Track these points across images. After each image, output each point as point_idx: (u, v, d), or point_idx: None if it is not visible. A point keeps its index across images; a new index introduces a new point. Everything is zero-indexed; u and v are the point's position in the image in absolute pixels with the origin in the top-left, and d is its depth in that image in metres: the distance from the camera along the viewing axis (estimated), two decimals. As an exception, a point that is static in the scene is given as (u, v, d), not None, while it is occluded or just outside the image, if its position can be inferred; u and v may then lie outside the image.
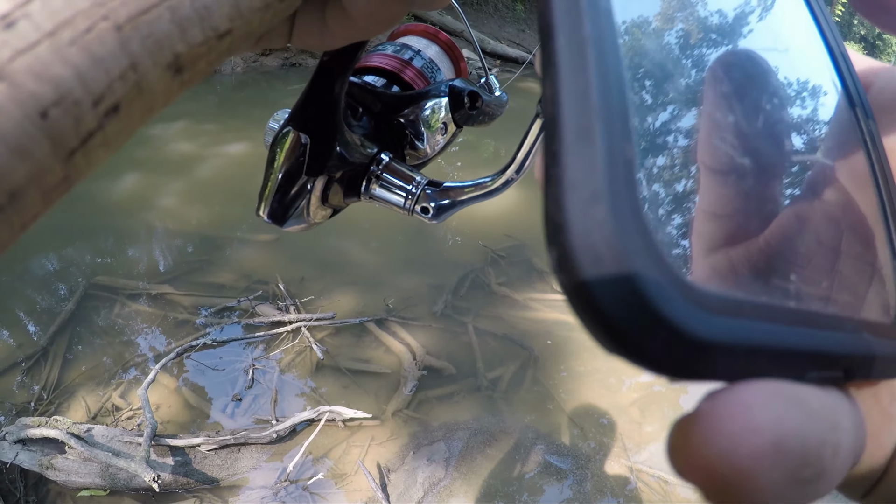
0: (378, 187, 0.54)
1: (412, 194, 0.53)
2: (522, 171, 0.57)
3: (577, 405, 3.54)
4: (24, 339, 3.82)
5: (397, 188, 0.53)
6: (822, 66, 0.29)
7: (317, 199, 0.49)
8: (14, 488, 2.88)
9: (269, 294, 4.16)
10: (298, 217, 0.49)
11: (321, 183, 0.48)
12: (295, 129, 0.45)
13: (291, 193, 0.47)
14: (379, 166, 0.53)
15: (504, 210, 5.96)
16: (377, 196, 0.54)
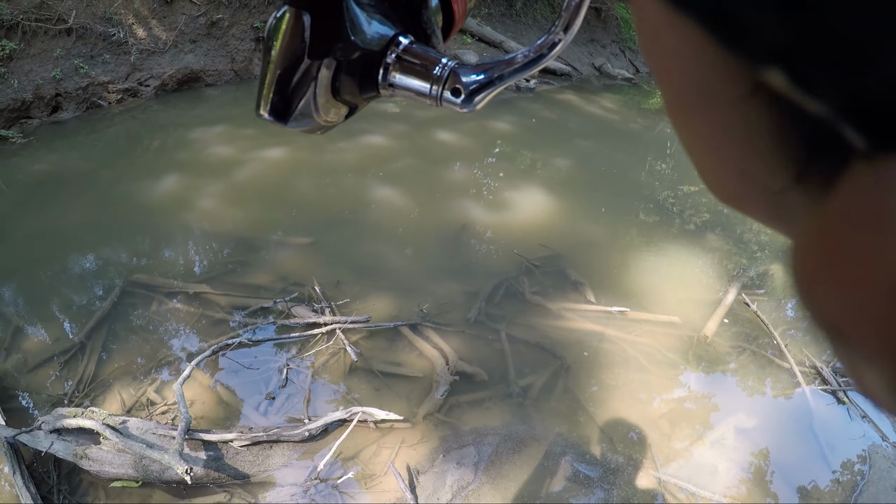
0: (398, 73, 0.46)
1: (439, 78, 0.45)
2: (571, 31, 0.46)
3: (608, 416, 3.51)
4: (61, 333, 3.89)
5: (421, 73, 0.46)
6: None
7: (325, 89, 0.43)
8: (47, 477, 2.93)
9: (304, 296, 4.19)
10: (305, 113, 0.44)
11: (329, 70, 0.42)
12: (292, 6, 0.39)
13: (294, 83, 0.41)
14: (398, 49, 0.46)
15: (540, 220, 5.95)
16: (398, 84, 0.46)
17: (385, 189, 6.23)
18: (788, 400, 3.98)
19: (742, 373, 4.12)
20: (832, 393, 4.07)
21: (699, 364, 4.10)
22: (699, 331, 4.37)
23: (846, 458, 3.59)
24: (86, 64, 8.40)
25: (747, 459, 3.41)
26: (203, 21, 9.90)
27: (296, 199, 5.90)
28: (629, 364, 3.96)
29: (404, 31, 0.46)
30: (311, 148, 7.22)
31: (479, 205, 6.18)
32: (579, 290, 4.64)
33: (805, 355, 4.39)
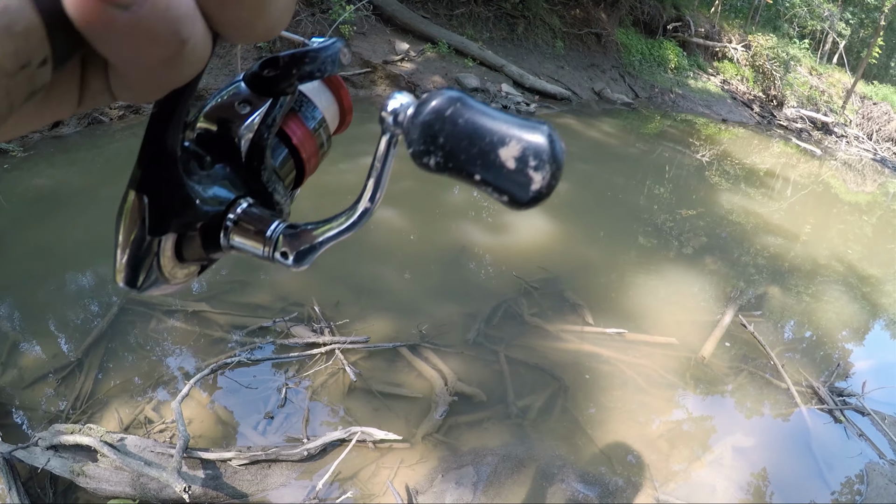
0: (237, 237, 0.50)
1: (269, 241, 0.49)
2: (376, 199, 0.52)
3: (606, 437, 3.51)
4: (58, 350, 3.89)
5: (255, 236, 0.50)
6: None
7: (169, 258, 0.46)
8: (43, 494, 2.91)
9: (304, 316, 4.20)
10: (155, 280, 0.46)
11: (171, 241, 0.46)
12: (133, 190, 0.43)
13: (139, 257, 0.44)
14: (235, 214, 0.49)
15: (539, 242, 5.97)
16: (237, 246, 0.50)
17: (385, 210, 6.25)
18: (786, 420, 3.99)
19: (740, 393, 4.13)
20: (829, 412, 4.09)
21: (697, 385, 4.11)
22: (697, 352, 4.38)
23: (844, 476, 3.60)
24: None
25: (745, 479, 3.41)
26: (206, 39, 9.98)
27: (296, 218, 5.89)
28: (627, 385, 3.96)
29: (245, 193, 0.50)
30: (311, 169, 7.26)
31: (479, 227, 6.21)
32: (578, 312, 4.65)
33: (802, 375, 4.41)
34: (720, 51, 20.67)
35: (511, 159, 0.41)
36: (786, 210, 9.01)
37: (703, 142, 12.81)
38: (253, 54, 10.39)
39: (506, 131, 0.42)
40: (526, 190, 0.42)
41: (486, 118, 0.42)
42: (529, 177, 0.41)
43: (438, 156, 0.43)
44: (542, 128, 0.42)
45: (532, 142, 0.41)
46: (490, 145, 0.42)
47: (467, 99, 0.44)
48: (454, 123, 0.43)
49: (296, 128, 0.53)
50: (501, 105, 11.97)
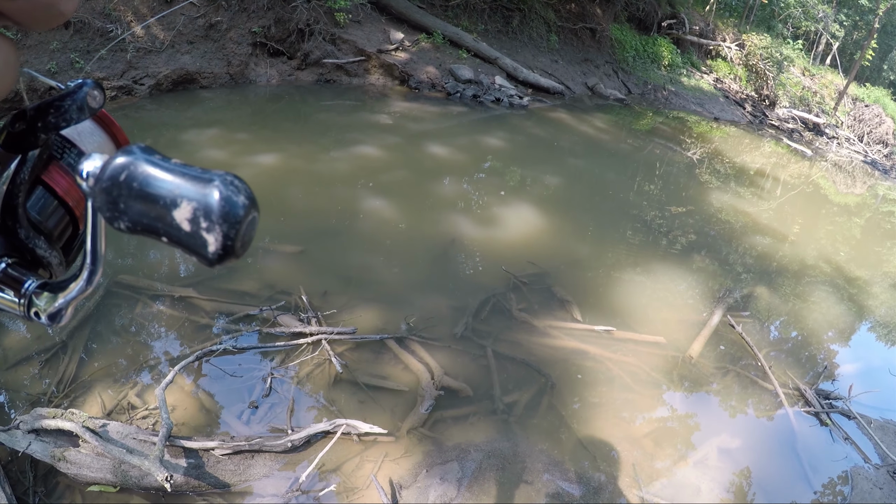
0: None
1: (21, 300, 0.50)
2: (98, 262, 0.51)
3: (591, 434, 3.51)
4: (42, 331, 3.84)
5: (12, 296, 0.50)
6: None
7: None
8: (23, 477, 2.88)
9: (291, 305, 4.17)
10: None
11: None
12: None
13: None
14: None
15: (528, 237, 5.96)
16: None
17: (376, 200, 6.22)
18: (771, 421, 4.00)
19: (726, 394, 4.14)
20: (815, 415, 4.10)
21: (683, 384, 4.11)
22: (684, 351, 4.39)
23: (828, 479, 3.61)
24: (82, 59, 8.36)
25: (730, 479, 3.41)
26: (202, 23, 9.91)
27: (286, 206, 5.87)
28: (614, 383, 3.96)
29: (3, 254, 0.50)
30: (303, 156, 7.22)
31: (469, 220, 6.19)
32: (566, 308, 4.64)
33: (789, 377, 4.42)
34: (714, 49, 20.69)
35: (185, 222, 0.42)
36: (775, 210, 9.03)
37: (694, 140, 12.83)
38: (248, 39, 10.31)
39: (177, 192, 0.42)
40: (206, 252, 0.42)
41: (159, 180, 0.43)
42: (204, 239, 0.42)
43: (125, 221, 0.44)
44: (215, 182, 0.42)
45: (202, 201, 0.41)
46: (164, 209, 0.42)
47: (141, 159, 0.44)
48: (129, 188, 0.43)
49: (59, 178, 0.52)
50: (495, 97, 11.93)
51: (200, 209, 0.41)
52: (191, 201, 0.41)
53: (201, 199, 0.41)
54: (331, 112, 9.67)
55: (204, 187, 0.42)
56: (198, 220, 0.41)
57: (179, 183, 0.42)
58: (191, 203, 0.41)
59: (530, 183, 7.83)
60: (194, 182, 0.42)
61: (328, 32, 11.12)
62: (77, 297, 0.51)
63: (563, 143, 10.15)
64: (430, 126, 9.69)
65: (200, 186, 0.42)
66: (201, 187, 0.42)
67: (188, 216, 0.41)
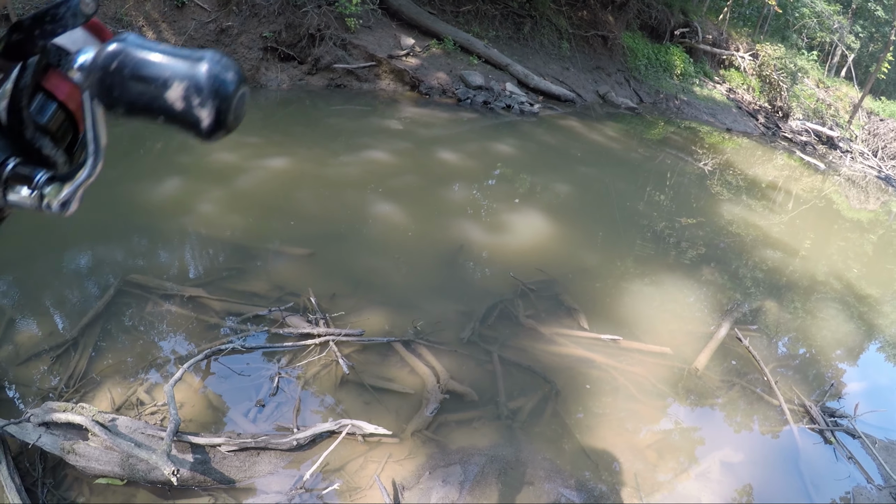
0: (10, 194, 0.55)
1: (35, 194, 0.54)
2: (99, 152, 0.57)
3: (595, 443, 3.52)
4: (54, 328, 3.89)
5: (24, 191, 0.55)
6: None
7: None
8: (33, 469, 2.92)
9: (299, 306, 4.21)
10: None
11: None
12: None
13: None
14: (4, 175, 0.54)
15: (537, 244, 5.98)
16: (11, 202, 0.55)
17: (385, 205, 6.26)
18: (775, 437, 3.99)
19: (730, 408, 4.14)
20: (820, 432, 4.09)
21: (688, 396, 4.12)
22: (690, 363, 4.39)
23: (830, 498, 3.60)
24: (95, 62, 8.43)
25: (731, 494, 3.42)
26: (213, 27, 9.99)
27: (296, 209, 5.92)
28: (619, 392, 3.97)
29: (10, 154, 0.54)
30: (313, 160, 7.27)
31: (478, 225, 6.22)
32: (573, 316, 4.66)
33: (794, 393, 4.42)
34: (727, 59, 20.65)
35: (178, 101, 0.46)
36: (786, 224, 9.02)
37: (706, 150, 12.82)
38: (259, 43, 10.39)
39: (168, 73, 0.46)
40: (200, 127, 0.47)
41: (149, 63, 0.47)
42: (197, 116, 0.46)
43: (122, 106, 0.48)
44: (204, 60, 0.47)
45: (193, 80, 0.46)
46: (157, 90, 0.46)
47: (131, 45, 0.48)
48: (121, 74, 0.47)
49: (60, 84, 0.55)
50: (506, 104, 11.95)
51: (192, 87, 0.45)
52: (182, 81, 0.45)
53: (192, 78, 0.45)
54: (341, 117, 9.72)
55: (193, 66, 0.46)
56: (190, 98, 0.45)
57: (170, 64, 0.46)
58: (182, 83, 0.45)
59: (540, 190, 7.85)
60: (184, 62, 0.46)
61: (339, 37, 11.18)
62: (84, 184, 0.56)
63: (573, 151, 10.17)
64: (440, 132, 9.73)
65: (190, 66, 0.46)
66: (191, 67, 0.46)
67: (181, 95, 0.45)
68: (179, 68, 0.46)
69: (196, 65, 0.46)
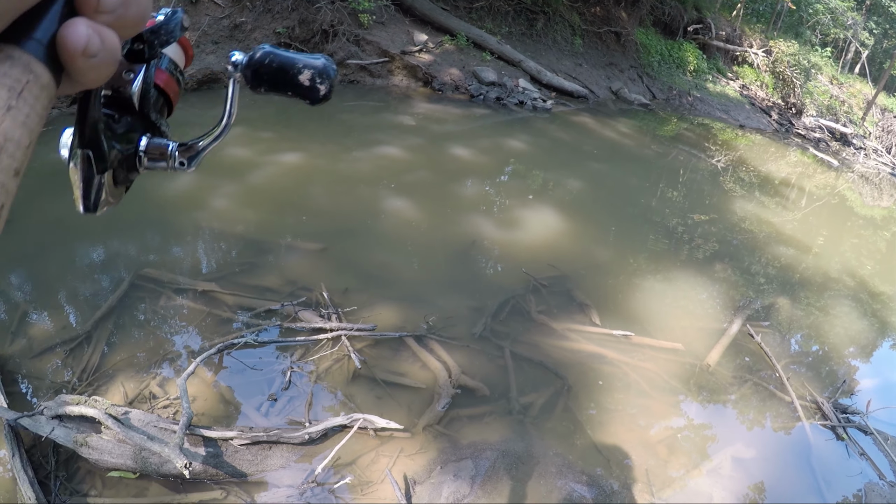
0: (147, 160, 0.71)
1: (169, 157, 0.72)
2: (231, 118, 0.81)
3: (606, 439, 3.51)
4: (67, 322, 3.92)
5: (159, 157, 0.72)
6: None
7: (110, 185, 0.66)
8: (46, 462, 2.94)
9: (312, 301, 4.22)
10: (104, 202, 0.66)
11: (109, 175, 0.65)
12: (79, 147, 0.62)
13: (93, 190, 0.64)
14: (143, 147, 0.70)
15: (549, 240, 5.97)
16: (150, 167, 0.72)
17: (398, 200, 6.26)
18: (787, 433, 3.98)
19: (742, 404, 4.13)
20: (832, 429, 4.07)
21: (700, 392, 4.10)
22: (702, 359, 4.38)
23: (842, 494, 3.58)
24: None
25: (742, 490, 3.40)
26: (227, 23, 10.02)
27: (309, 204, 5.93)
28: (630, 388, 3.96)
29: (143, 131, 0.70)
30: (326, 155, 7.28)
31: (490, 221, 6.21)
32: (585, 312, 4.65)
33: (807, 390, 4.40)
34: (740, 55, 20.54)
35: (307, 80, 0.76)
36: (799, 221, 8.97)
37: (719, 147, 12.76)
38: (272, 39, 10.41)
39: (301, 65, 0.76)
40: (317, 94, 0.77)
41: (288, 60, 0.76)
42: (318, 89, 0.76)
43: (265, 85, 0.77)
44: (321, 60, 0.77)
45: (317, 68, 0.76)
46: (293, 75, 0.76)
47: (277, 50, 0.77)
48: (270, 66, 0.76)
49: (160, 75, 0.72)
50: (518, 100, 11.93)
51: (316, 73, 0.76)
52: (311, 69, 0.76)
53: (317, 67, 0.76)
54: (354, 112, 9.73)
55: (317, 60, 0.77)
56: (315, 79, 0.76)
57: (302, 60, 0.76)
58: (311, 70, 0.76)
59: (552, 186, 7.84)
60: (310, 59, 0.77)
61: (352, 33, 11.20)
62: (212, 145, 0.80)
63: (586, 148, 10.14)
64: (452, 128, 9.72)
65: (315, 60, 0.77)
66: (315, 60, 0.77)
67: (309, 77, 0.76)
68: (309, 62, 0.77)
69: (318, 61, 0.77)
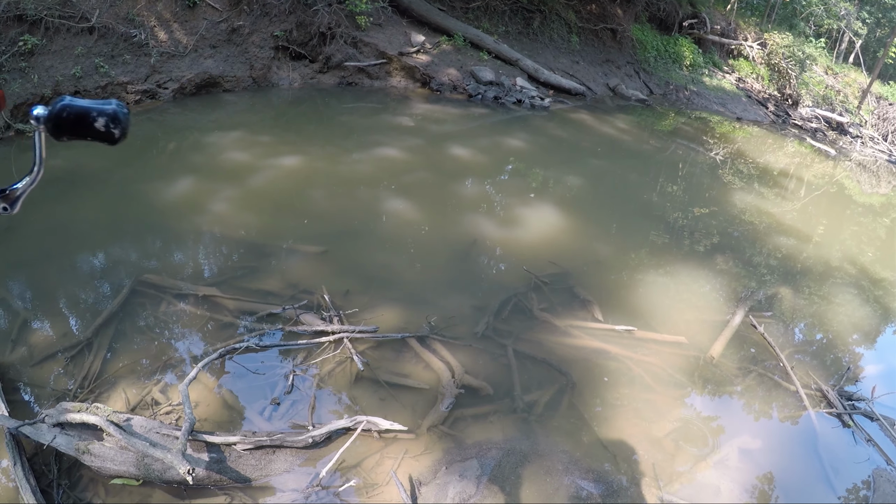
0: None
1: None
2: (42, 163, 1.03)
3: (612, 434, 3.50)
4: (68, 329, 3.91)
5: None
6: None
7: None
8: (48, 470, 2.93)
9: (313, 304, 4.21)
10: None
11: None
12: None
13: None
14: None
15: (550, 237, 5.95)
16: None
17: (397, 201, 6.25)
18: (794, 423, 3.96)
19: (747, 395, 4.11)
20: (837, 416, 4.05)
21: (705, 385, 4.09)
22: (706, 352, 4.36)
23: (850, 481, 3.57)
24: (106, 63, 8.50)
25: (750, 481, 3.39)
26: (224, 27, 10.02)
27: (309, 207, 5.92)
28: (635, 383, 3.95)
29: None
30: (326, 158, 7.27)
31: (491, 220, 6.20)
32: (587, 308, 4.64)
33: (811, 378, 4.38)
34: (736, 48, 20.53)
35: (102, 126, 1.00)
36: (799, 210, 8.94)
37: (717, 140, 12.74)
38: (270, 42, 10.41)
39: (95, 114, 1.01)
40: (113, 137, 1.04)
41: (83, 110, 1.00)
42: (113, 133, 1.02)
43: (67, 135, 1.01)
44: (112, 106, 1.04)
45: (109, 115, 1.01)
46: (90, 122, 1.01)
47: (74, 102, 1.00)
48: (68, 118, 0.98)
49: None
50: (516, 99, 11.91)
51: (109, 119, 0.96)
52: (104, 116, 0.97)
53: (109, 114, 0.97)
54: (353, 114, 9.72)
55: (107, 107, 1.00)
56: (108, 124, 0.96)
57: (95, 108, 0.97)
58: (104, 117, 0.97)
59: (552, 184, 7.82)
60: (103, 106, 0.98)
61: (349, 35, 11.19)
62: (30, 187, 0.91)
63: (584, 145, 10.13)
64: (451, 128, 9.71)
65: (106, 107, 0.99)
66: (106, 107, 0.98)
67: (103, 123, 0.97)
68: (100, 108, 0.95)
69: (109, 107, 0.94)
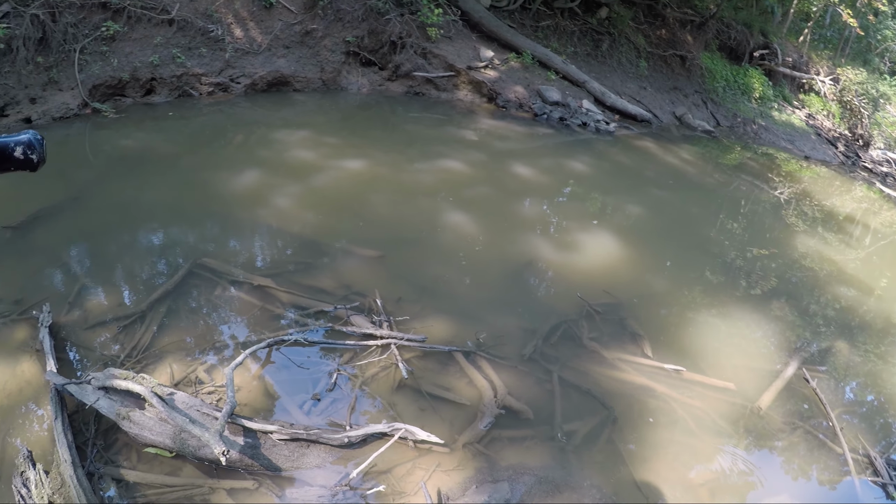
0: None
1: None
2: None
3: (647, 475, 3.43)
4: (123, 300, 4.07)
5: None
6: None
7: None
8: (86, 429, 3.03)
9: (365, 307, 4.26)
10: None
11: None
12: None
13: None
14: None
15: (605, 265, 5.89)
16: None
17: (456, 214, 6.26)
18: (834, 488, 3.83)
19: (791, 452, 3.99)
20: (882, 486, 3.90)
21: (748, 436, 3.99)
22: (753, 401, 4.25)
23: (889, 558, 3.44)
24: (183, 54, 8.82)
25: (786, 543, 3.29)
26: (298, 29, 10.24)
27: (368, 211, 5.98)
28: (677, 426, 3.87)
29: None
30: (389, 164, 7.33)
31: (547, 242, 6.17)
32: (637, 343, 4.57)
33: (860, 442, 4.24)
34: (807, 82, 19.97)
35: (21, 154, 1.04)
36: (863, 260, 8.68)
37: (782, 178, 12.46)
38: (342, 47, 10.56)
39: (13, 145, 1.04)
40: (33, 163, 1.06)
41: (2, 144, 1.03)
42: (31, 159, 1.05)
43: None
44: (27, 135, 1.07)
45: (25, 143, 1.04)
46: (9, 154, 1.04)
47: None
48: None
49: None
50: (581, 121, 11.84)
51: (26, 146, 1.01)
52: (20, 145, 1.02)
53: (24, 142, 1.01)
54: (418, 124, 9.81)
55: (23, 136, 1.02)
56: (26, 152, 1.01)
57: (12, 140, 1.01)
58: (21, 146, 1.02)
59: (611, 211, 7.75)
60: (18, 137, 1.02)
61: (419, 46, 11.30)
62: None
63: (647, 173, 10.01)
64: (515, 145, 9.70)
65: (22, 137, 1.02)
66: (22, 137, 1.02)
67: (21, 152, 1.01)
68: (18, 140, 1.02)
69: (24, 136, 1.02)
